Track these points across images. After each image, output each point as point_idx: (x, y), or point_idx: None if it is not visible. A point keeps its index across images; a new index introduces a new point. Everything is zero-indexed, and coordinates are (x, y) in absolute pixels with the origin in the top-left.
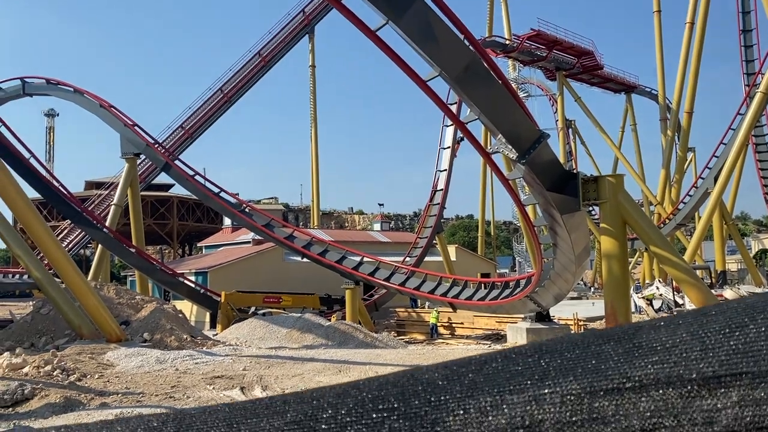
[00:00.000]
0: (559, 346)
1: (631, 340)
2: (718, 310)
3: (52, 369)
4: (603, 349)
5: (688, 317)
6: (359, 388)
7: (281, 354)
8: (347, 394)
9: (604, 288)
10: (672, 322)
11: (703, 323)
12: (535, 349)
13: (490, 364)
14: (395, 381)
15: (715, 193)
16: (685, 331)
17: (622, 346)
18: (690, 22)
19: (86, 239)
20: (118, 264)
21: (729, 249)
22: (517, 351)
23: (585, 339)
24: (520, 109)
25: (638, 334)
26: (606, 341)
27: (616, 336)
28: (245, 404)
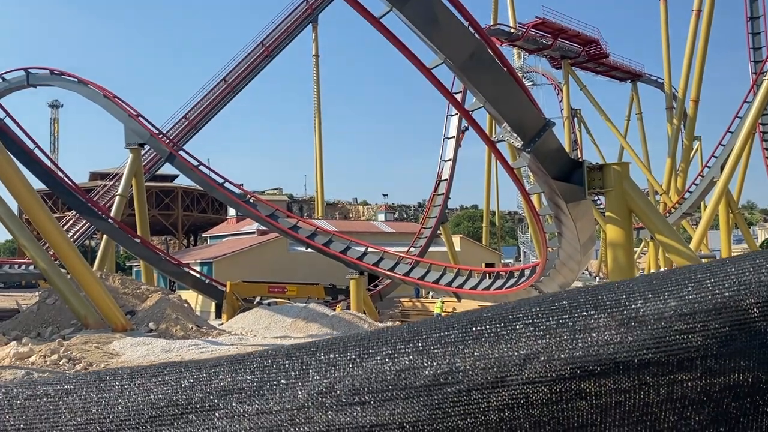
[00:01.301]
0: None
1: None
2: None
3: (59, 358)
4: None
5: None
6: None
7: (286, 343)
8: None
9: (610, 277)
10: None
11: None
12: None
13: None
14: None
15: (722, 182)
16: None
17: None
18: (697, 9)
19: (91, 230)
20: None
21: (735, 238)
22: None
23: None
24: (525, 97)
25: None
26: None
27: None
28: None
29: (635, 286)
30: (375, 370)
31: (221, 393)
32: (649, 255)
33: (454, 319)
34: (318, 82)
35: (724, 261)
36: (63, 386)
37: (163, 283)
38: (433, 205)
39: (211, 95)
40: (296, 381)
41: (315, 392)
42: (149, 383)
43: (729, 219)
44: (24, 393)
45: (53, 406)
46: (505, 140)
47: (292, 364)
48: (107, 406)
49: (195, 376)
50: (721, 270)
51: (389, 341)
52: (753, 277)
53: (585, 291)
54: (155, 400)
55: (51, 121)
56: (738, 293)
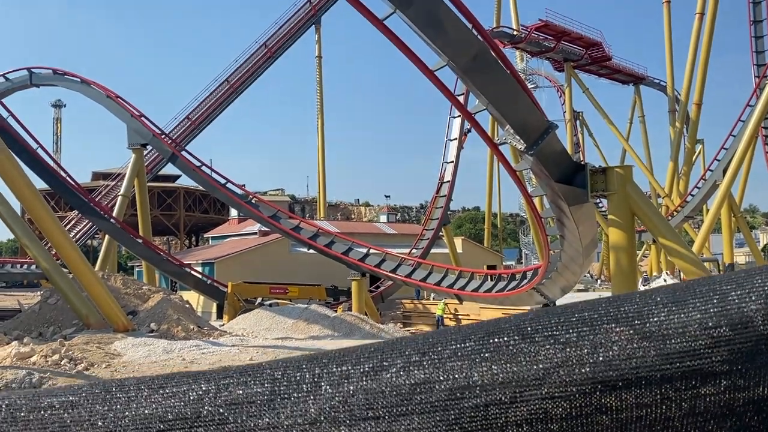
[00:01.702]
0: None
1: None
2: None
3: (60, 358)
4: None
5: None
6: None
7: (288, 345)
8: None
9: (612, 280)
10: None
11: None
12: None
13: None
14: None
15: (724, 186)
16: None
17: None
18: (700, 12)
19: (93, 230)
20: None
21: (737, 242)
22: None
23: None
24: (528, 100)
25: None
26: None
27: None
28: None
29: (658, 297)
30: (389, 384)
31: (231, 406)
32: (651, 258)
33: (471, 330)
34: (321, 83)
35: (751, 272)
36: (68, 398)
37: (165, 283)
38: (435, 206)
39: (213, 96)
40: (308, 394)
41: (327, 406)
42: (156, 395)
43: (731, 222)
44: (28, 405)
45: (58, 419)
46: (507, 143)
47: (303, 376)
48: (114, 420)
49: (204, 389)
50: (747, 282)
51: (404, 353)
52: None
53: (605, 302)
54: (163, 414)
55: (54, 120)
56: (765, 306)
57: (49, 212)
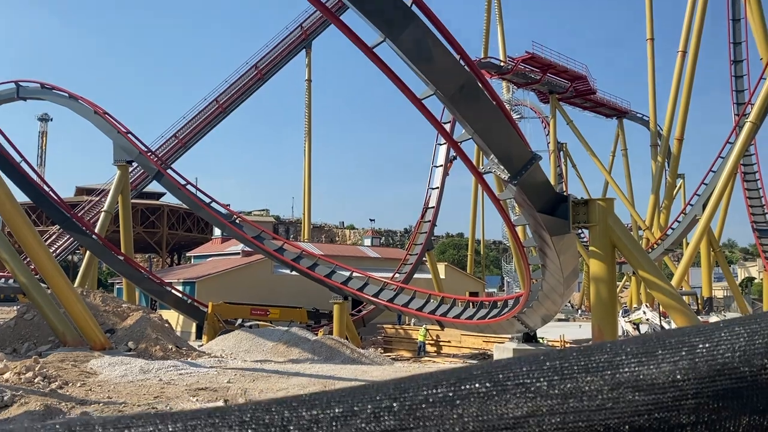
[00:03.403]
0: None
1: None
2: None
3: (34, 376)
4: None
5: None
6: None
7: (266, 367)
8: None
9: (592, 311)
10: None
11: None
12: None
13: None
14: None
15: (704, 220)
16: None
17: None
18: (682, 50)
19: (74, 245)
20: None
21: (716, 276)
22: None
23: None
24: (513, 131)
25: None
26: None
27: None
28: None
29: (628, 347)
30: (359, 430)
31: None
32: (631, 290)
33: (443, 376)
34: (309, 106)
35: (718, 325)
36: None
37: (145, 301)
38: (420, 231)
39: (202, 115)
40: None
41: None
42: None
43: (710, 257)
44: None
45: None
46: (492, 172)
47: (272, 419)
48: None
49: (170, 430)
50: (714, 335)
51: (374, 398)
52: (746, 344)
53: (577, 351)
54: None
55: (39, 134)
56: (732, 360)
57: (29, 226)
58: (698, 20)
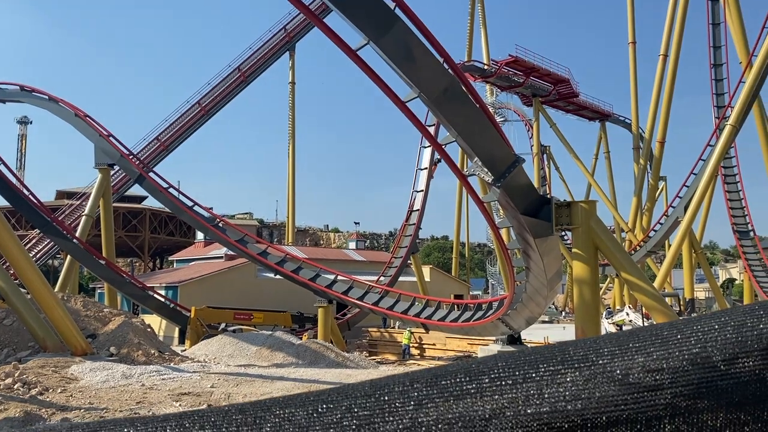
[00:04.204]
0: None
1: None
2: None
3: (13, 382)
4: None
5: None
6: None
7: (250, 372)
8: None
9: (575, 313)
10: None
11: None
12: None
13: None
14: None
15: (685, 222)
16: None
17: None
18: (664, 54)
19: (55, 249)
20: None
21: (698, 277)
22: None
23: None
24: (496, 133)
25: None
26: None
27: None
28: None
29: (602, 342)
30: (334, 424)
31: None
32: (615, 291)
33: (419, 374)
34: (293, 108)
35: (691, 319)
36: None
37: (127, 306)
38: (405, 234)
39: (185, 117)
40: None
41: None
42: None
43: (692, 258)
44: None
45: None
46: (476, 174)
47: (245, 419)
48: None
49: (140, 431)
50: (687, 327)
51: (350, 395)
52: (719, 335)
53: (551, 347)
54: None
55: (19, 137)
56: (704, 350)
57: (8, 230)
58: (679, 24)
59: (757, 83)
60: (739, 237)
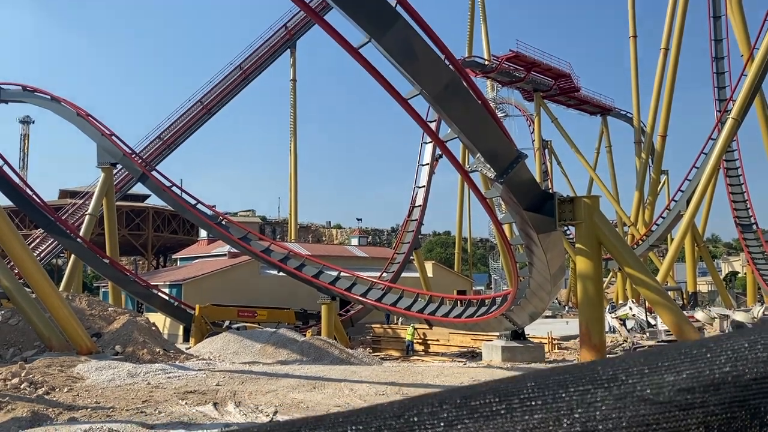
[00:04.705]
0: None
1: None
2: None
3: (20, 382)
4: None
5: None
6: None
7: (255, 369)
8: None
9: (579, 307)
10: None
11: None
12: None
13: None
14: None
15: (687, 216)
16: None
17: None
18: (665, 47)
19: (59, 249)
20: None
21: (700, 271)
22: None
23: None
24: (498, 129)
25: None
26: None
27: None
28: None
29: (631, 361)
30: None
31: None
32: (617, 286)
33: (447, 395)
34: (295, 105)
35: (720, 337)
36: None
37: (131, 304)
38: (407, 230)
39: (186, 116)
40: None
41: None
42: None
43: (694, 252)
44: None
45: None
46: (478, 170)
47: None
48: None
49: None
50: (716, 346)
51: (379, 416)
52: (749, 353)
53: (581, 366)
54: None
55: (21, 137)
56: (735, 368)
57: (12, 230)
58: (680, 18)
59: (759, 76)
60: (741, 230)
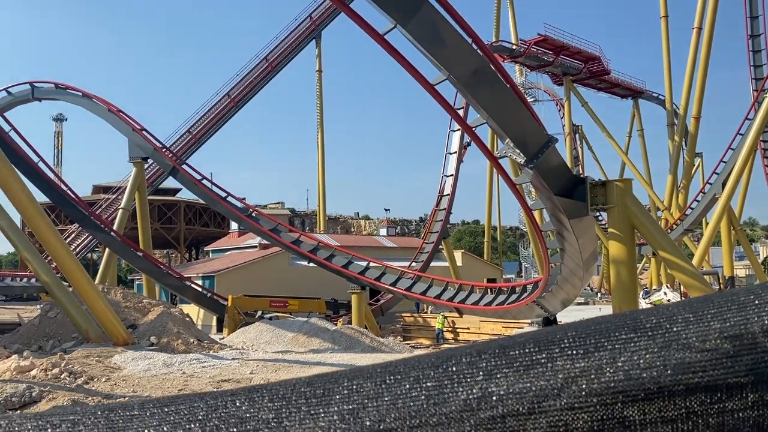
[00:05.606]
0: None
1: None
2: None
3: (60, 372)
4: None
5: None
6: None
7: (288, 358)
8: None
9: (612, 293)
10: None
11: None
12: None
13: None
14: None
15: (723, 199)
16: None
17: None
18: (698, 27)
19: (94, 243)
20: (125, 268)
21: (737, 255)
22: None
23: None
24: (528, 114)
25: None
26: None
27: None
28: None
29: (675, 309)
30: (402, 395)
31: (238, 422)
32: (651, 271)
33: (486, 345)
34: (321, 97)
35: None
36: (68, 417)
37: (165, 296)
38: (435, 220)
39: (215, 110)
40: (318, 407)
41: (337, 419)
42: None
43: (731, 236)
44: (30, 423)
45: None
46: (507, 156)
47: (313, 391)
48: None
49: (210, 405)
50: (765, 292)
51: (417, 367)
52: None
53: (622, 315)
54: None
55: (55, 134)
56: None
57: (49, 225)
58: None
59: None
60: None
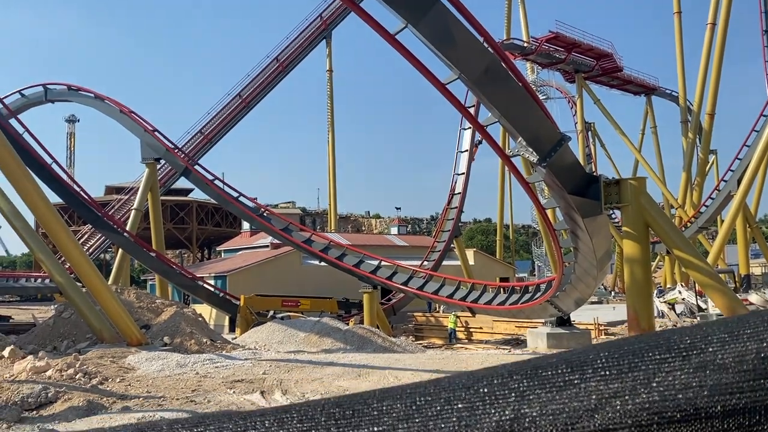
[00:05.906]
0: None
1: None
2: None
3: (75, 372)
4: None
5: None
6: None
7: (300, 358)
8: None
9: (627, 292)
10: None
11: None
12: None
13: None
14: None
15: (739, 196)
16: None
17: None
18: (711, 22)
19: (107, 243)
20: (138, 268)
21: (753, 252)
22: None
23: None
24: (540, 112)
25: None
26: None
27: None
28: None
29: (709, 329)
30: (434, 417)
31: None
32: (665, 270)
33: (517, 366)
34: (331, 96)
35: None
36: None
37: (178, 296)
38: (447, 218)
39: (226, 110)
40: (347, 428)
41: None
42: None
43: (746, 233)
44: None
45: None
46: (520, 155)
47: (342, 412)
48: None
49: (239, 425)
50: None
51: (448, 388)
52: None
53: (654, 335)
54: None
55: (67, 135)
56: None
57: (63, 226)
58: None
59: None
60: None
